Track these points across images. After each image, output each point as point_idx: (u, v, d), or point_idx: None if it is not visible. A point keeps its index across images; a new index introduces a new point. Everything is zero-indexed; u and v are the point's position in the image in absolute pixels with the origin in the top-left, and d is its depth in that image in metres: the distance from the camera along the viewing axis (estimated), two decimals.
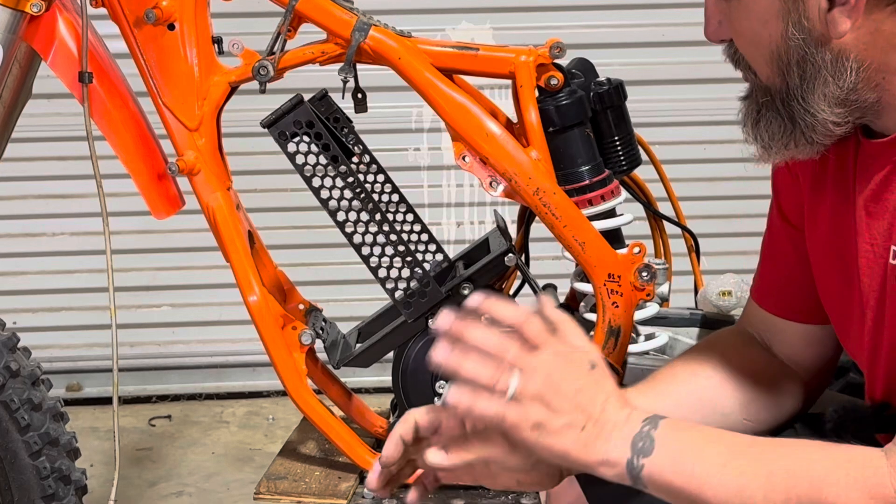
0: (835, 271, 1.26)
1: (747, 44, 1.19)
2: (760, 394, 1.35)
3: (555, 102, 1.74)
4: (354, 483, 1.83)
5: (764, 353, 1.39)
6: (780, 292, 1.38)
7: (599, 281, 1.71)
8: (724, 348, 1.39)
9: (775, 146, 1.20)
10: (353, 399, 1.92)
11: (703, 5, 1.22)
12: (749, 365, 1.36)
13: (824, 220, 1.27)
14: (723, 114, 3.22)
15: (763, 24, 1.15)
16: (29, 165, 3.18)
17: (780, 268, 1.38)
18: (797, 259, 1.35)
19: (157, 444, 3.09)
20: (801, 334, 1.37)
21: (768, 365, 1.38)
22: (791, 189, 1.34)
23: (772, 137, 1.20)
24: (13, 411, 1.83)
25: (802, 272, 1.34)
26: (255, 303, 1.77)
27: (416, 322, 1.77)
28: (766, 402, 1.35)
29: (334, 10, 1.72)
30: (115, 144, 1.81)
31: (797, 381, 1.38)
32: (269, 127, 1.75)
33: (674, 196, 1.96)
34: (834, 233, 1.25)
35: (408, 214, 1.90)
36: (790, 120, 1.17)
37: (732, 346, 1.39)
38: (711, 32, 1.23)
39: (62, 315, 3.31)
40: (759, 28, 1.15)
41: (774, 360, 1.39)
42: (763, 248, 1.41)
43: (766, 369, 1.37)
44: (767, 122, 1.20)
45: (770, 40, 1.15)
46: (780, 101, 1.18)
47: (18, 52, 1.77)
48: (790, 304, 1.37)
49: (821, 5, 1.11)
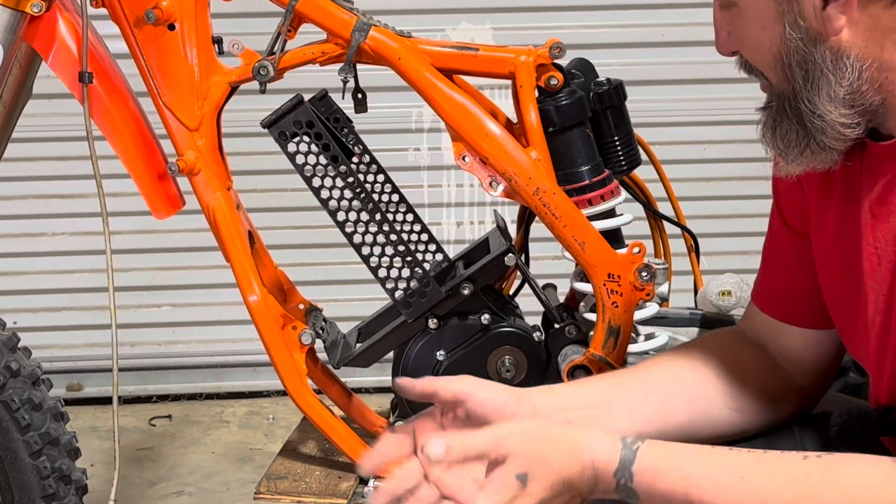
0: (841, 275, 1.26)
1: (752, 50, 1.20)
2: (749, 389, 1.35)
3: (555, 102, 1.74)
4: (354, 483, 1.83)
5: (758, 353, 1.40)
6: (781, 296, 1.38)
7: (599, 281, 1.71)
8: (716, 345, 1.40)
9: (791, 154, 1.20)
10: (353, 399, 1.93)
11: (702, 5, 1.23)
12: (740, 363, 1.37)
13: (831, 224, 1.27)
14: (723, 114, 3.28)
15: (762, 28, 1.16)
16: (29, 165, 3.18)
17: (781, 272, 1.38)
18: (799, 264, 1.35)
19: (157, 443, 3.09)
20: (802, 338, 1.38)
21: (760, 364, 1.38)
22: (794, 194, 1.34)
23: (787, 145, 1.20)
24: (14, 411, 1.83)
25: (805, 278, 1.34)
26: (255, 303, 1.77)
27: (416, 322, 1.77)
28: (755, 399, 1.35)
29: (334, 11, 1.72)
30: (115, 144, 1.81)
31: (793, 384, 1.38)
32: (269, 127, 1.75)
33: (674, 196, 1.96)
34: (840, 236, 1.26)
35: (408, 214, 1.90)
36: (800, 124, 1.18)
37: (725, 344, 1.40)
38: (722, 45, 1.23)
39: (62, 315, 3.31)
40: (759, 33, 1.16)
41: (769, 361, 1.39)
42: (764, 252, 1.41)
43: (758, 368, 1.37)
44: (782, 129, 1.20)
45: (771, 44, 1.16)
46: (789, 106, 1.18)
47: (19, 52, 1.77)
48: (791, 309, 1.37)
49: (815, 3, 1.12)
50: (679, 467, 1.14)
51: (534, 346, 1.77)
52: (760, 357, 1.39)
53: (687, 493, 1.12)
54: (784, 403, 1.38)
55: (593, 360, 1.70)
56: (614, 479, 1.15)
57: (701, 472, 1.13)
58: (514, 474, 1.15)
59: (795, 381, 1.38)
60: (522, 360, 1.76)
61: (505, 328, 1.77)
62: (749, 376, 1.36)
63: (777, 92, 1.20)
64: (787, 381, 1.38)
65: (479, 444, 1.17)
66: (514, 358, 1.76)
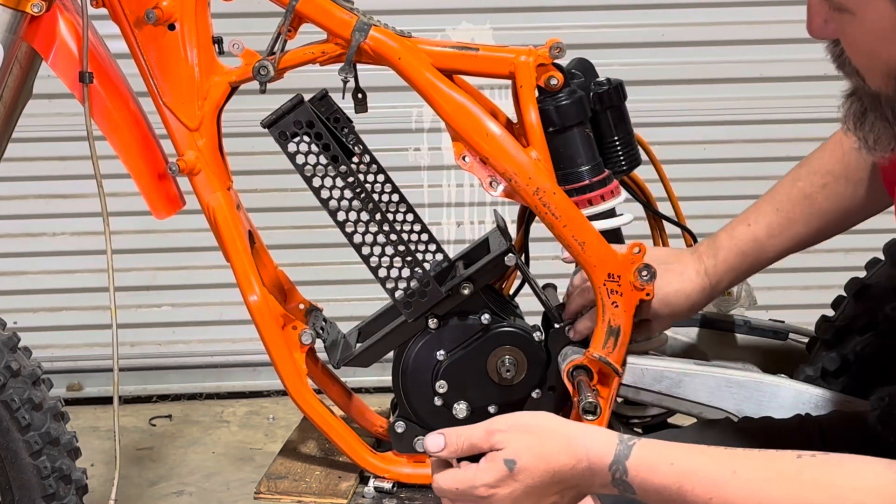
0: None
1: (861, 55, 1.15)
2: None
3: (555, 102, 1.74)
4: (354, 483, 1.83)
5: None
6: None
7: (599, 281, 1.71)
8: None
9: (880, 147, 1.19)
10: (353, 399, 1.93)
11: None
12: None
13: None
14: (723, 114, 3.28)
15: (883, 42, 1.10)
16: (29, 165, 3.19)
17: None
18: None
19: (157, 443, 3.09)
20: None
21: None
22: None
23: (877, 140, 1.19)
24: (14, 411, 1.83)
25: None
26: (255, 302, 1.77)
27: (416, 322, 1.77)
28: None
29: (334, 10, 1.72)
30: (116, 144, 1.81)
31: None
32: (269, 127, 1.75)
33: (674, 196, 1.96)
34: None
35: (408, 214, 1.90)
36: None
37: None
38: (816, 29, 1.17)
39: (62, 315, 3.32)
40: (877, 45, 1.11)
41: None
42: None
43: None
44: (873, 123, 1.18)
45: (889, 57, 1.11)
46: (889, 110, 1.16)
47: (19, 52, 1.77)
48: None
49: None
50: (673, 462, 1.16)
51: (534, 345, 1.77)
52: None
53: (680, 487, 1.15)
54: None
55: (593, 360, 1.70)
56: (609, 472, 1.18)
57: (694, 466, 1.16)
58: (503, 459, 1.20)
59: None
60: (522, 360, 1.76)
61: (505, 328, 1.77)
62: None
63: (874, 92, 1.16)
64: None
65: (475, 436, 1.23)
66: (514, 358, 1.76)
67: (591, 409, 1.62)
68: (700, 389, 1.71)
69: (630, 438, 1.20)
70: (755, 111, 3.28)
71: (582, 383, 1.68)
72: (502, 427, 1.23)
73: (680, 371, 1.72)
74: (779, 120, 3.28)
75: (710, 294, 1.72)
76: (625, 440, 1.20)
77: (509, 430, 1.23)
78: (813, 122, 3.12)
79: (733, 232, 1.70)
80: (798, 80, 3.18)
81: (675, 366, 1.73)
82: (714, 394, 1.71)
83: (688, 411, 1.73)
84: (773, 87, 3.25)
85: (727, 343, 1.91)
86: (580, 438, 1.21)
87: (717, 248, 1.70)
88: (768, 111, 3.28)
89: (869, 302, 1.77)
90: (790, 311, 2.08)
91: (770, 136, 3.30)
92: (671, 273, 1.70)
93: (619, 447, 1.19)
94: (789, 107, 3.26)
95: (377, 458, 1.82)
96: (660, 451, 1.18)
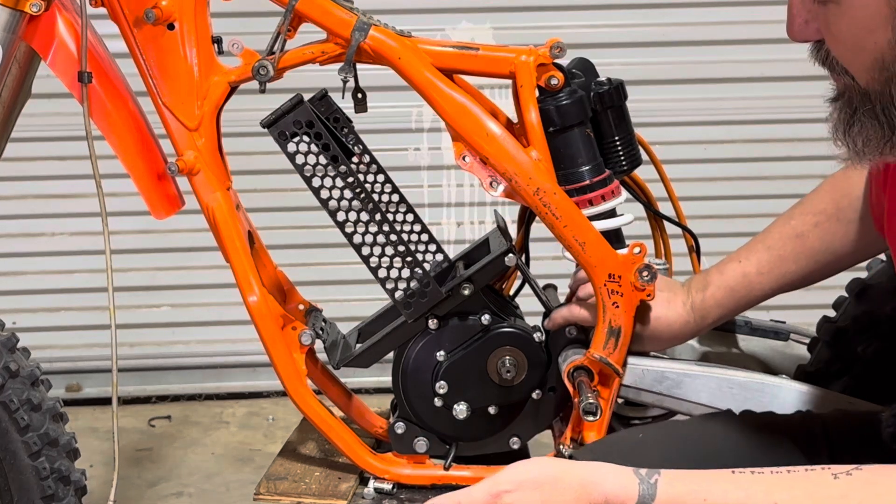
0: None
1: (846, 50, 1.12)
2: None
3: (555, 102, 1.74)
4: (354, 483, 1.82)
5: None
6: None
7: (600, 281, 1.70)
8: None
9: (869, 151, 1.15)
10: (353, 399, 1.92)
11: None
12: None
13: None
14: (723, 114, 3.28)
15: (868, 31, 1.08)
16: (29, 165, 3.19)
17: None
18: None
19: (156, 444, 3.09)
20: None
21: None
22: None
23: (866, 143, 1.14)
24: (13, 412, 1.83)
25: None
26: (254, 303, 1.76)
27: (416, 322, 1.77)
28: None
29: (334, 10, 1.72)
30: (115, 144, 1.81)
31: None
32: (269, 127, 1.75)
33: (674, 196, 1.95)
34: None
35: (408, 214, 1.89)
36: (889, 127, 1.12)
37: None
38: (797, 31, 1.16)
39: (62, 315, 3.32)
40: (863, 35, 1.09)
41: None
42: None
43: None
44: (862, 126, 1.14)
45: (875, 48, 1.09)
46: (880, 108, 1.12)
47: (18, 51, 1.77)
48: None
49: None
50: (705, 497, 1.10)
51: (534, 346, 1.76)
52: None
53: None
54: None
55: (594, 361, 1.70)
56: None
57: (729, 500, 1.10)
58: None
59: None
60: (523, 361, 1.76)
61: (505, 328, 1.76)
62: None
63: (864, 91, 1.13)
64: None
65: (478, 498, 1.14)
66: (514, 358, 1.75)
67: (592, 410, 1.62)
68: (701, 390, 1.71)
69: (649, 474, 1.12)
70: (755, 111, 3.28)
71: (582, 384, 1.68)
72: (508, 487, 1.14)
73: (681, 372, 1.72)
74: (779, 120, 3.28)
75: (695, 328, 1.71)
76: (644, 477, 1.12)
77: (517, 488, 1.13)
78: (813, 122, 3.11)
79: (724, 268, 1.71)
80: (798, 80, 3.17)
81: (675, 366, 1.73)
82: (715, 394, 1.70)
83: (689, 412, 1.73)
84: (773, 87, 3.25)
85: (728, 343, 1.90)
86: (596, 484, 1.13)
87: (707, 284, 1.70)
88: (768, 111, 3.28)
89: (870, 302, 1.77)
90: (791, 311, 2.07)
91: (770, 136, 3.30)
92: (659, 300, 1.71)
93: (642, 486, 1.11)
94: (789, 107, 3.26)
95: (377, 459, 1.81)
96: (687, 486, 1.11)
